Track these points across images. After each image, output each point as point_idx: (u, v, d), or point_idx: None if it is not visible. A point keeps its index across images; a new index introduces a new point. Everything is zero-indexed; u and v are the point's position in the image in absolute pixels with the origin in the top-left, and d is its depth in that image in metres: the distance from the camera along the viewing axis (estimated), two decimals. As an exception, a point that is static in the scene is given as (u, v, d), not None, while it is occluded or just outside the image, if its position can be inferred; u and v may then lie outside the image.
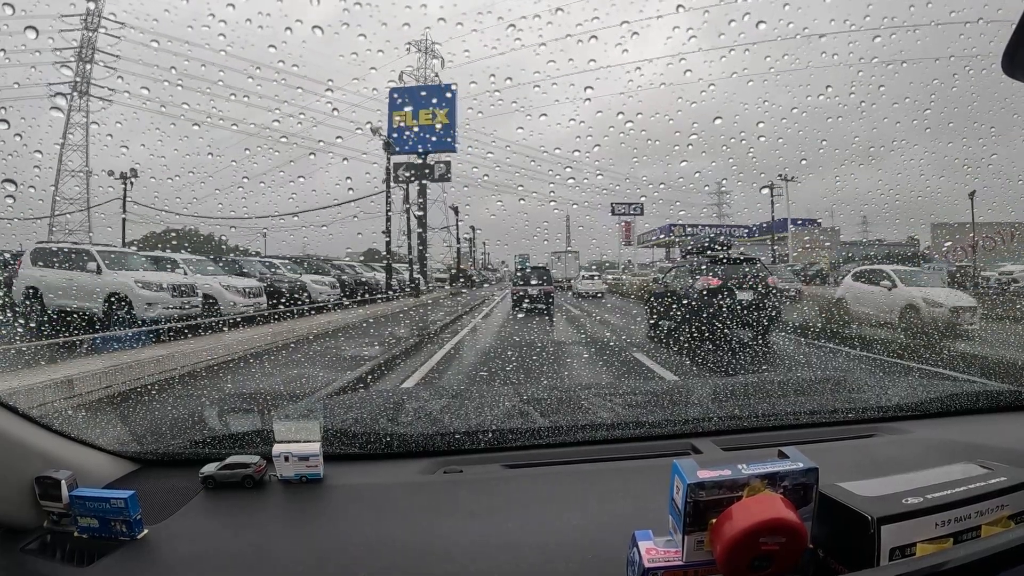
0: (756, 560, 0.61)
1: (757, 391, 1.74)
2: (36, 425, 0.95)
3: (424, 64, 29.61)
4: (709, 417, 1.37)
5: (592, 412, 1.47)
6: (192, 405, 4.42)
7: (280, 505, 0.98)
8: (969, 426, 1.34)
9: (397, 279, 20.80)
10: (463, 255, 37.11)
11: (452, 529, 0.89)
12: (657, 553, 0.65)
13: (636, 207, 30.98)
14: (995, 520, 0.69)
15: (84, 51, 22.43)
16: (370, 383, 5.72)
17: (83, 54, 22.45)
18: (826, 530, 0.69)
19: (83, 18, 22.32)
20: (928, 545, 0.66)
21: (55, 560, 0.84)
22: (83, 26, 22.43)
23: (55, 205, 24.96)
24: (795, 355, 7.25)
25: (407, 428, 1.30)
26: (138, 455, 1.14)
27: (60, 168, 25.84)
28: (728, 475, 0.63)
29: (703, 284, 7.88)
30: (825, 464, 0.69)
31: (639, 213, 32.09)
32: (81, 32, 22.41)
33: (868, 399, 1.54)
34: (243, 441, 1.15)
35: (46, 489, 0.87)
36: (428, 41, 28.97)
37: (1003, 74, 0.76)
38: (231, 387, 5.27)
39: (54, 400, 4.38)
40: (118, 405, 4.65)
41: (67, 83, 22.26)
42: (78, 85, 22.84)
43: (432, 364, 6.85)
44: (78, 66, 22.35)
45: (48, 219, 23.15)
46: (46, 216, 22.02)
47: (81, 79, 22.70)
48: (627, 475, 1.08)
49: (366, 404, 1.70)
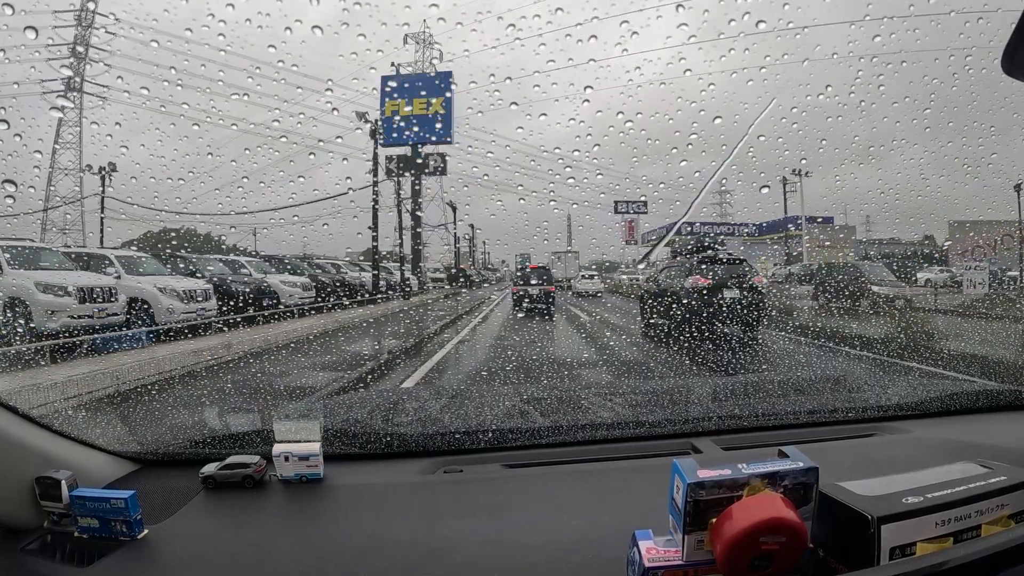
0: (756, 559, 0.61)
1: (757, 390, 1.74)
2: (36, 425, 0.95)
3: (422, 57, 28.52)
4: (709, 417, 1.37)
5: (592, 412, 1.47)
6: (191, 407, 4.42)
7: (280, 505, 0.98)
8: (969, 425, 1.34)
9: (388, 279, 19.49)
10: (462, 254, 35.82)
11: (452, 529, 0.89)
12: (657, 553, 0.65)
13: (639, 205, 29.93)
14: (995, 519, 0.69)
15: (78, 48, 22.13)
16: (369, 383, 5.70)
17: (76, 51, 22.15)
18: (826, 529, 0.69)
19: (76, 14, 22.09)
20: (928, 544, 0.66)
21: (55, 560, 0.84)
22: (76, 22, 22.17)
23: (48, 203, 24.46)
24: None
25: (407, 428, 1.30)
26: (138, 455, 1.14)
27: (53, 166, 25.46)
28: (728, 475, 0.63)
29: (692, 283, 8.13)
30: (825, 463, 0.69)
31: (643, 211, 30.90)
32: (75, 28, 22.14)
33: (868, 398, 1.54)
34: (243, 441, 1.16)
35: (46, 489, 0.87)
36: (426, 33, 27.72)
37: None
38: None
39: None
40: (119, 405, 4.65)
41: (61, 80, 21.96)
42: (71, 82, 22.62)
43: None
44: (73, 63, 22.16)
45: (40, 215, 22.64)
46: (35, 211, 21.47)
47: (74, 75, 22.44)
48: (627, 475, 1.08)
49: (366, 404, 1.70)
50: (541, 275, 14.99)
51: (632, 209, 30.33)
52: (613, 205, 28.47)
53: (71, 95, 22.96)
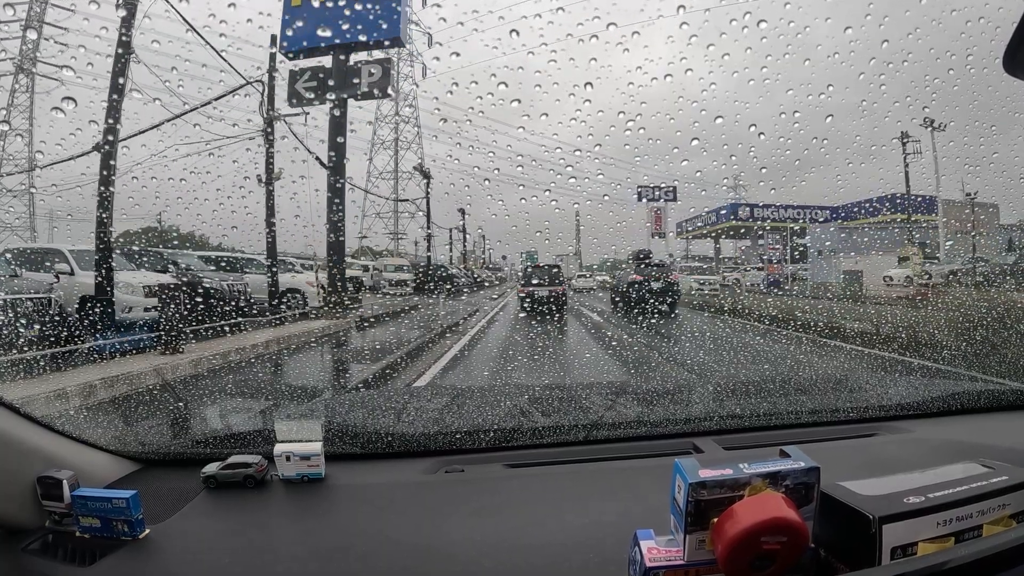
0: (758, 559, 0.61)
1: (758, 390, 1.74)
2: (37, 425, 0.95)
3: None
4: (710, 416, 1.37)
5: (593, 411, 1.47)
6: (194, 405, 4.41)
7: (282, 505, 0.99)
8: (971, 425, 1.34)
9: (294, 284, 12.09)
10: (456, 250, 30.34)
11: (454, 529, 0.89)
12: (659, 552, 0.65)
13: (668, 191, 26.06)
14: (997, 519, 0.69)
15: (31, 22, 19.16)
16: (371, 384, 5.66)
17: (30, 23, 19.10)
18: (828, 529, 0.69)
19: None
20: (929, 544, 0.66)
21: (56, 560, 0.84)
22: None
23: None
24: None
25: (408, 427, 1.30)
26: (140, 455, 1.14)
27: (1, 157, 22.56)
28: (730, 474, 0.63)
29: (631, 278, 13.54)
30: (827, 463, 0.68)
31: (671, 198, 27.12)
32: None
33: (869, 398, 1.53)
34: (244, 441, 1.16)
35: (48, 489, 0.87)
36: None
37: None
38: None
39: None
40: (120, 404, 4.64)
41: (12, 59, 19.64)
42: (19, 61, 20.35)
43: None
44: (24, 42, 19.49)
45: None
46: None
47: (23, 53, 20.01)
48: (628, 474, 1.08)
49: (367, 403, 1.70)
50: (551, 275, 13.67)
51: (660, 196, 26.68)
52: (636, 192, 25.15)
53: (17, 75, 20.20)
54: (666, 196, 26.87)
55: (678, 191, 27.03)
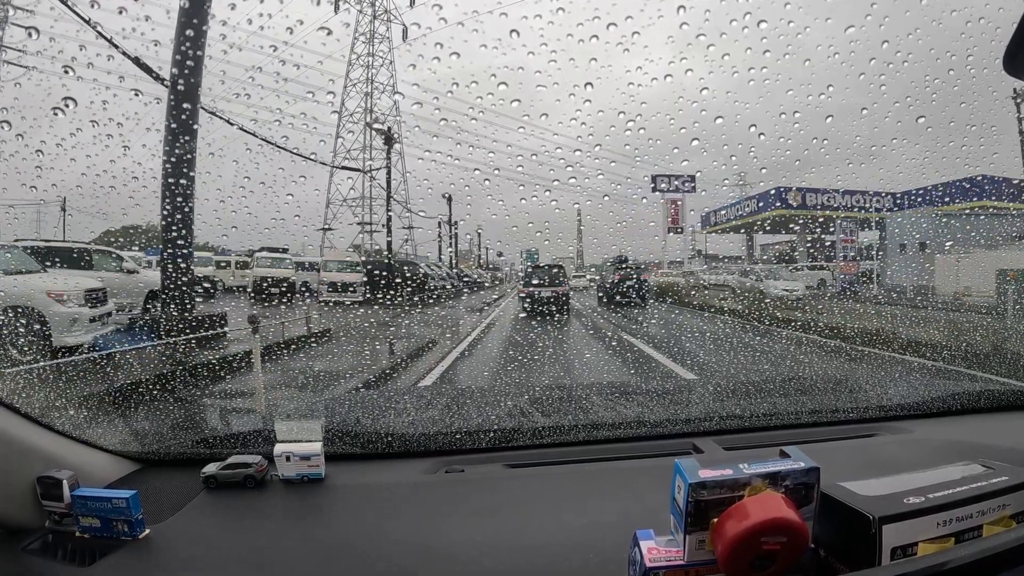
0: (757, 559, 0.61)
1: (758, 390, 1.74)
2: (37, 425, 0.95)
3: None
4: (710, 416, 1.37)
5: (593, 411, 1.47)
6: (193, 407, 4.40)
7: (281, 505, 0.98)
8: (971, 425, 1.34)
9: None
10: (444, 249, 26.10)
11: (454, 529, 0.89)
12: (659, 552, 0.65)
13: (686, 180, 22.73)
14: (997, 520, 0.69)
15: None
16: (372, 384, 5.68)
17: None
18: (828, 530, 0.69)
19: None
20: (929, 545, 0.66)
21: (56, 560, 0.84)
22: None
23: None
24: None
25: (408, 428, 1.30)
26: (139, 455, 1.14)
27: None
28: (730, 474, 0.63)
29: (612, 277, 16.45)
30: (827, 463, 0.68)
31: (690, 189, 23.58)
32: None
33: (870, 398, 1.53)
34: (244, 441, 1.16)
35: (48, 489, 0.87)
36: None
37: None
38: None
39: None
40: (120, 404, 4.64)
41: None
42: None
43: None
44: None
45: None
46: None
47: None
48: (628, 474, 1.08)
49: (367, 404, 1.70)
50: (554, 275, 12.87)
51: (677, 186, 23.57)
52: (651, 181, 22.35)
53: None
54: (684, 187, 23.83)
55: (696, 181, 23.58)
